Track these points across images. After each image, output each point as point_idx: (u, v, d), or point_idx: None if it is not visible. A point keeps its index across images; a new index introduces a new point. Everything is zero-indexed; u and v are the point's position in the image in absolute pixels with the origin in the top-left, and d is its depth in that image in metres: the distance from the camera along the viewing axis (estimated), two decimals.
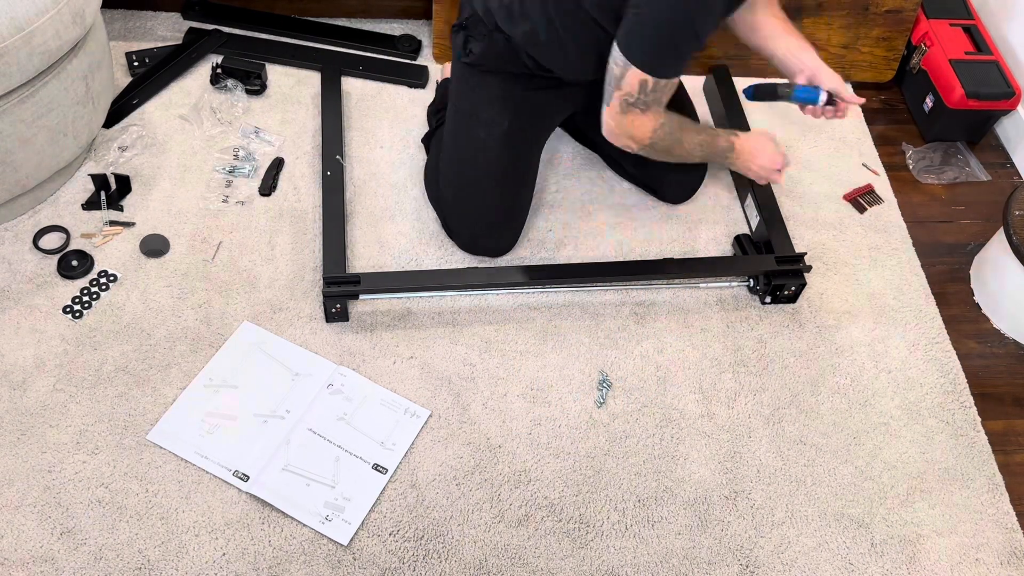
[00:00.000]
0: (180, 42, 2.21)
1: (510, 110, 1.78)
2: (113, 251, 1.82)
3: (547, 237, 1.93)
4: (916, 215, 2.12)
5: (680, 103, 1.85)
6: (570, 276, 1.84)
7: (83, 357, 1.67)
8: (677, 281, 1.89)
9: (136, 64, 2.14)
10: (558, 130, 2.10)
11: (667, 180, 1.99)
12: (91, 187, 1.90)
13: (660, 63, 1.54)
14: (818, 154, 2.20)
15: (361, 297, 1.79)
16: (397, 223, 1.93)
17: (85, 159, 1.96)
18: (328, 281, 1.71)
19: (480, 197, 1.83)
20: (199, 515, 1.51)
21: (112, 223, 1.86)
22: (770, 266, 1.84)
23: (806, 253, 1.87)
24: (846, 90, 1.74)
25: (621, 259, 1.93)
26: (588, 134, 2.07)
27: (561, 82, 1.77)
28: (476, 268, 1.86)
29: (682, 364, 1.78)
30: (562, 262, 1.90)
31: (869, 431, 1.73)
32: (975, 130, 2.27)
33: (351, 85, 2.18)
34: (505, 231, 1.88)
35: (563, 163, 2.08)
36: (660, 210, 2.03)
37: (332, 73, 2.13)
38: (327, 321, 1.76)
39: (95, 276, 1.78)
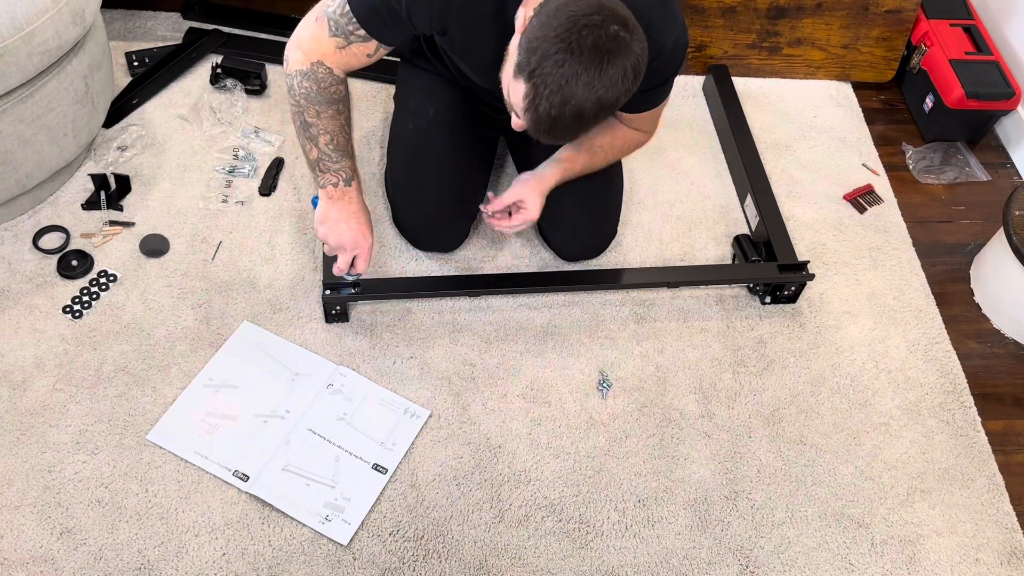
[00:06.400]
0: (180, 42, 2.21)
1: (435, 99, 1.78)
2: (113, 251, 1.82)
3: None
4: (916, 215, 2.12)
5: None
6: (570, 282, 1.84)
7: (83, 357, 1.67)
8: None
9: (136, 64, 2.14)
10: None
11: (561, 235, 1.87)
12: (91, 187, 1.90)
13: None
14: (818, 154, 2.20)
15: None
16: None
17: (85, 159, 1.96)
18: (328, 286, 1.70)
19: (416, 189, 1.82)
20: (199, 515, 1.51)
21: (112, 223, 1.86)
22: (772, 275, 1.84)
23: (808, 261, 1.87)
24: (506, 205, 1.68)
25: (621, 260, 1.93)
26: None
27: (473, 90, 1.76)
28: (475, 275, 1.86)
29: (682, 364, 1.78)
30: (563, 266, 1.90)
31: (869, 431, 1.73)
32: (975, 130, 2.27)
33: (351, 85, 2.17)
34: (445, 226, 1.84)
35: None
36: (660, 210, 2.03)
37: None
38: (327, 322, 1.76)
39: (95, 276, 1.78)
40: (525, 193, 1.67)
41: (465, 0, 1.42)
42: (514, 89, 1.27)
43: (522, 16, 1.28)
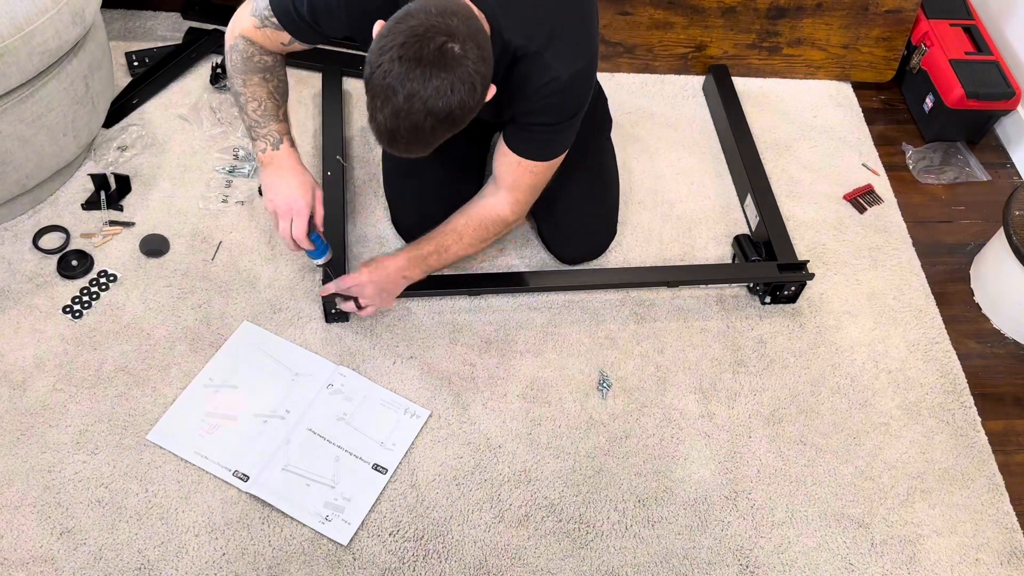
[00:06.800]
0: (180, 42, 2.21)
1: None
2: (113, 251, 1.82)
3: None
4: (916, 215, 2.12)
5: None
6: (570, 282, 1.84)
7: (83, 357, 1.67)
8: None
9: (136, 64, 2.14)
10: None
11: (561, 237, 1.86)
12: (91, 187, 1.90)
13: None
14: (818, 154, 2.20)
15: None
16: None
17: (85, 159, 1.96)
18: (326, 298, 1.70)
19: (413, 190, 1.81)
20: (199, 515, 1.51)
21: (112, 223, 1.86)
22: (772, 274, 1.84)
23: (808, 261, 1.87)
24: (347, 281, 1.64)
25: (621, 260, 1.93)
26: None
27: None
28: (475, 275, 1.86)
29: (682, 364, 1.78)
30: (563, 266, 1.90)
31: (869, 431, 1.73)
32: (975, 130, 2.27)
33: (351, 85, 2.18)
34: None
35: None
36: (659, 210, 2.03)
37: (333, 73, 2.13)
38: (327, 322, 1.76)
39: (95, 276, 1.78)
40: (358, 277, 1.65)
41: (366, 10, 1.42)
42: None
43: (376, 30, 1.30)
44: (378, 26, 1.28)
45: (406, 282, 1.67)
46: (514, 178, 1.60)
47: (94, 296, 1.75)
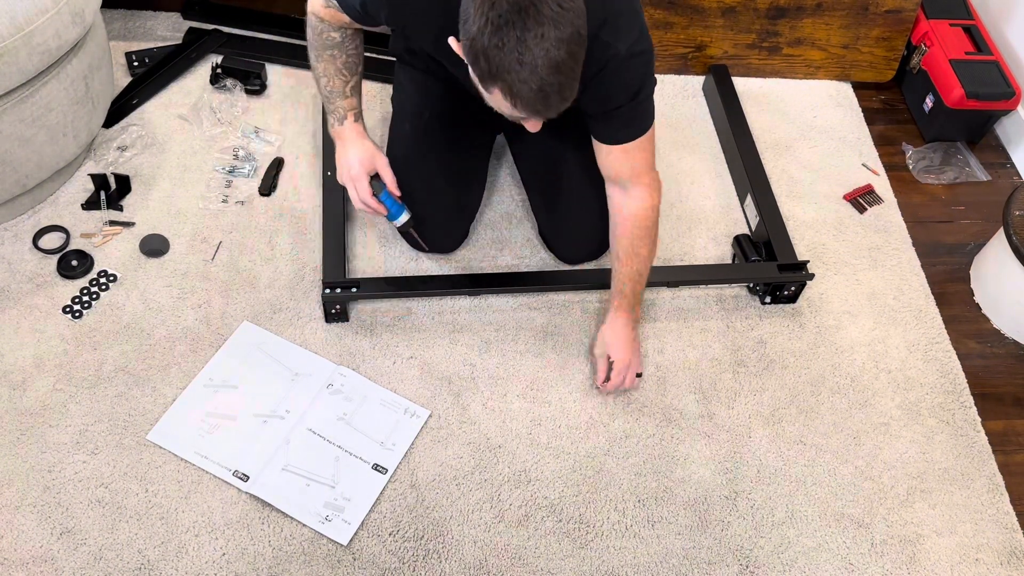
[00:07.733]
0: (180, 42, 2.21)
1: (430, 100, 1.78)
2: (113, 251, 1.82)
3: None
4: (916, 215, 2.12)
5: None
6: (570, 282, 1.84)
7: (83, 357, 1.67)
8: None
9: (136, 64, 2.14)
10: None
11: (561, 237, 1.88)
12: (91, 187, 1.90)
13: None
14: (818, 154, 2.20)
15: None
16: None
17: (85, 159, 1.96)
18: (327, 285, 1.71)
19: (415, 191, 1.81)
20: (199, 515, 1.51)
21: (112, 223, 1.86)
22: (772, 274, 1.84)
23: (808, 261, 1.86)
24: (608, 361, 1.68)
25: None
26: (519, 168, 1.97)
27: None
28: (475, 275, 1.86)
29: (682, 364, 1.78)
30: (563, 266, 1.90)
31: (869, 431, 1.73)
32: (975, 130, 2.27)
33: None
34: (444, 227, 1.83)
35: None
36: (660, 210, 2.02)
37: None
38: (327, 322, 1.76)
39: (95, 276, 1.78)
40: (603, 350, 1.69)
41: (406, 1, 1.42)
42: (497, 100, 1.26)
43: (456, 47, 1.27)
44: (456, 44, 1.26)
45: (637, 326, 1.71)
46: (631, 165, 1.60)
47: (94, 296, 1.75)
